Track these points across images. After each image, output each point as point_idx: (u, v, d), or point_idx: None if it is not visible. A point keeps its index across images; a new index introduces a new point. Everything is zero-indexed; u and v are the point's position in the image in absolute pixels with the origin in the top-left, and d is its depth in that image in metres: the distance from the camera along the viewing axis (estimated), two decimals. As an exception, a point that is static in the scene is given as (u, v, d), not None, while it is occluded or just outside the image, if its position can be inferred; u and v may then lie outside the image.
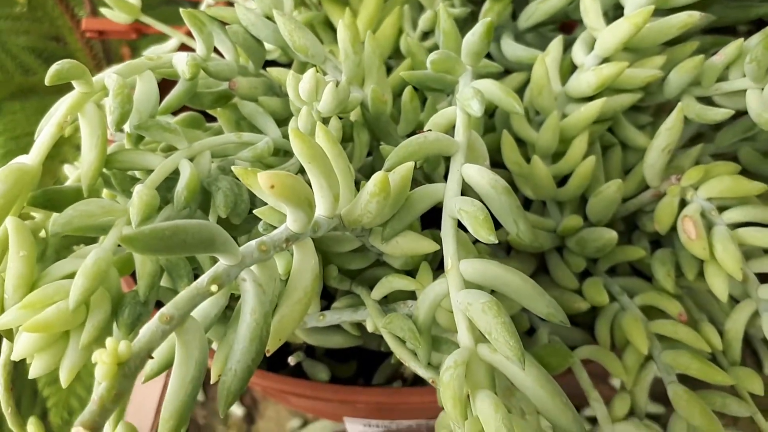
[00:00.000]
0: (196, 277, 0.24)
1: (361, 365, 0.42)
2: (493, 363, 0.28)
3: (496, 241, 0.27)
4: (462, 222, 0.29)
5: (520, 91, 0.42)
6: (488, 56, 0.44)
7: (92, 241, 0.34)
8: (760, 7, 0.39)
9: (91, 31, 0.67)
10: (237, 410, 0.65)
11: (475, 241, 0.33)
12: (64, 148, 1.05)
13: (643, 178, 0.38)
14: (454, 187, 0.31)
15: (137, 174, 0.34)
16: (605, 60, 0.36)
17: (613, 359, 0.35)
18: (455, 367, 0.27)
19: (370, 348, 0.39)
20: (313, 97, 0.31)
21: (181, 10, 0.33)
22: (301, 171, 0.33)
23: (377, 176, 0.27)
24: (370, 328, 0.33)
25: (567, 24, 0.47)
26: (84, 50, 1.11)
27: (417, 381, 0.39)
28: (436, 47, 0.45)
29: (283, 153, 0.36)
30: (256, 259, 0.25)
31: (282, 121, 0.37)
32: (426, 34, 0.46)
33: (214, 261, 0.23)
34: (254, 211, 0.30)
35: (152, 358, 0.21)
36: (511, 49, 0.41)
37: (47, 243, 0.31)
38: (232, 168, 0.28)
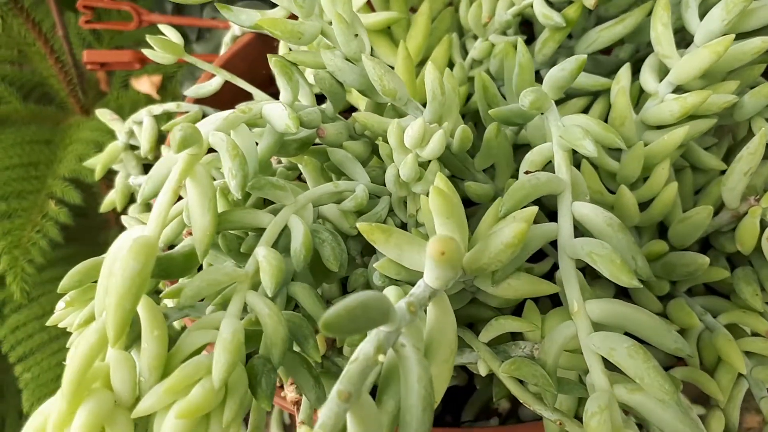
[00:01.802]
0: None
1: (445, 401, 0.42)
2: (629, 403, 0.28)
3: (640, 285, 0.27)
4: (593, 265, 0.29)
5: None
6: (539, 81, 0.44)
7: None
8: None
9: (93, 63, 0.65)
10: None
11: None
12: (49, 180, 1.01)
13: (716, 200, 0.39)
14: (567, 227, 0.31)
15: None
16: (678, 87, 0.37)
17: (708, 379, 0.36)
18: (601, 412, 0.27)
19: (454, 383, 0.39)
20: (418, 144, 0.31)
21: (270, 57, 0.32)
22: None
23: (517, 228, 0.26)
24: (483, 372, 0.33)
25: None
26: (58, 76, 1.07)
27: (510, 416, 0.39)
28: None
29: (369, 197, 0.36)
30: (407, 321, 0.24)
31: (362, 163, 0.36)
32: (474, 61, 0.46)
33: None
34: (375, 266, 0.30)
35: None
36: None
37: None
38: (357, 224, 0.28)
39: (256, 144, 0.31)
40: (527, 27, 0.48)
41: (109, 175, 1.06)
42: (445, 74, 0.36)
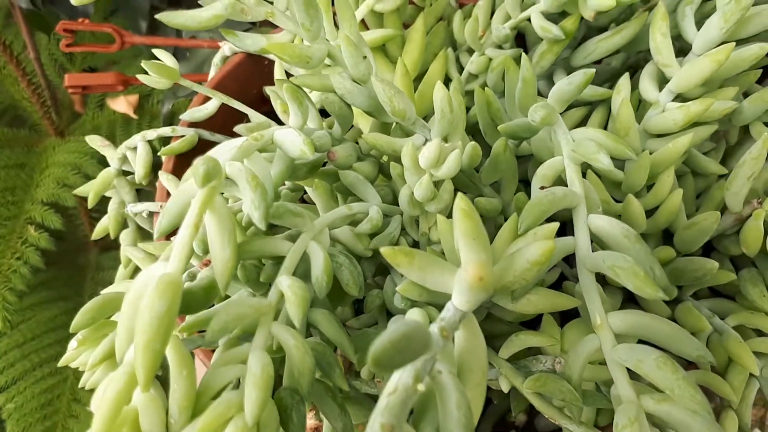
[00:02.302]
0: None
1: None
2: (657, 413, 0.28)
3: (666, 297, 0.27)
4: (615, 278, 0.29)
5: (582, 125, 0.43)
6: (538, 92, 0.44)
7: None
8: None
9: (74, 87, 0.63)
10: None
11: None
12: (26, 205, 0.99)
13: (718, 204, 0.39)
14: (585, 240, 0.31)
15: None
16: (678, 95, 0.37)
17: (722, 382, 0.37)
18: (631, 425, 0.27)
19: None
20: (433, 165, 0.31)
21: (284, 84, 0.31)
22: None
23: (544, 246, 0.26)
24: (505, 389, 0.33)
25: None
26: (31, 98, 1.05)
27: (527, 428, 0.40)
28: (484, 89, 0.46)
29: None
30: (441, 347, 0.24)
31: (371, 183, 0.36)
32: (470, 75, 0.46)
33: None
34: (398, 289, 0.29)
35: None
36: (569, 86, 0.42)
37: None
38: (381, 249, 0.27)
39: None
40: (520, 39, 0.48)
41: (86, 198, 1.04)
42: (451, 90, 0.36)
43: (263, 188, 0.27)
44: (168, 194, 0.45)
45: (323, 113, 0.41)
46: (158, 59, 0.45)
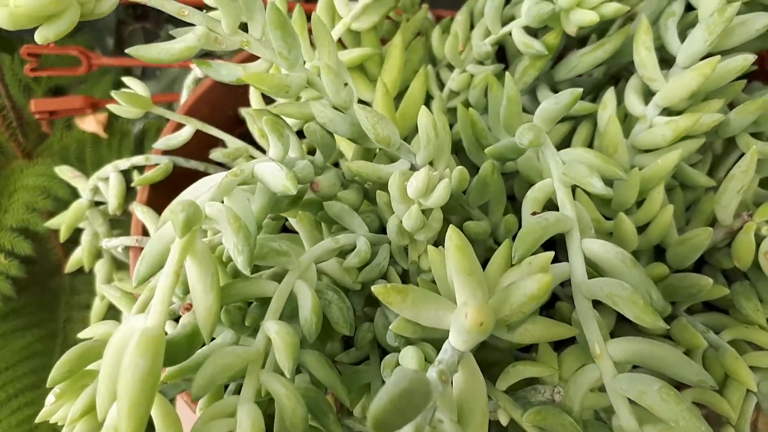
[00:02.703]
0: None
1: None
2: (661, 443, 0.28)
3: (666, 327, 0.27)
4: (614, 307, 0.28)
5: (566, 143, 0.42)
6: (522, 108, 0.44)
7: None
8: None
9: (41, 113, 0.61)
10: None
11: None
12: (-2, 233, 0.96)
13: (708, 217, 0.39)
14: (580, 266, 0.30)
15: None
16: (665, 109, 0.37)
17: (720, 400, 0.36)
18: (637, 458, 0.26)
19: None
20: (422, 194, 0.30)
21: (263, 117, 0.30)
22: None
23: (542, 280, 0.25)
24: (504, 422, 0.32)
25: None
26: (-5, 121, 1.02)
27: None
28: (466, 106, 0.45)
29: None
30: (440, 392, 0.23)
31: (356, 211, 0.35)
32: (451, 92, 0.45)
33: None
34: (391, 328, 0.28)
35: None
36: (553, 101, 0.41)
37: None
38: (373, 288, 0.26)
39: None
40: (500, 51, 0.47)
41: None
42: (435, 113, 0.35)
43: (246, 230, 0.25)
44: (143, 227, 0.44)
45: (301, 133, 0.40)
46: (126, 81, 0.43)
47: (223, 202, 0.28)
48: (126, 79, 0.41)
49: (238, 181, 0.29)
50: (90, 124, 1.02)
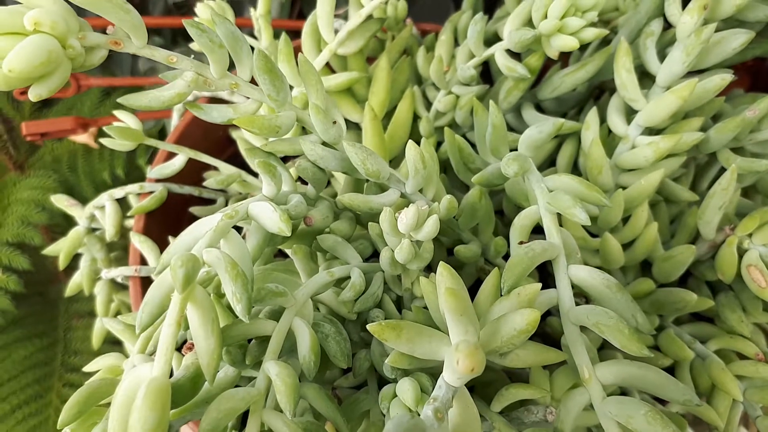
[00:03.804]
0: None
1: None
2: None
3: (650, 355, 0.28)
4: (600, 335, 0.29)
5: (551, 158, 0.43)
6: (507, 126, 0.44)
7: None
8: (755, 48, 0.42)
9: (33, 135, 0.62)
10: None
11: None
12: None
13: (692, 231, 0.40)
14: (567, 294, 0.31)
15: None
16: (647, 128, 0.38)
17: (707, 409, 0.37)
18: (628, 479, 0.27)
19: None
20: (412, 229, 0.31)
21: (256, 160, 0.31)
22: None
23: (530, 314, 0.26)
24: (500, 443, 0.33)
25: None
26: (-15, 135, 1.02)
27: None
28: (452, 125, 0.46)
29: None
30: (436, 430, 0.24)
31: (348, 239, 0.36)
32: (438, 112, 0.46)
33: None
34: (387, 362, 0.29)
35: None
36: (537, 121, 0.42)
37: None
38: (368, 327, 0.27)
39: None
40: (484, 68, 0.48)
41: (52, 228, 1.01)
42: (423, 144, 0.35)
43: (243, 278, 0.26)
44: (141, 256, 0.44)
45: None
46: (118, 114, 0.44)
47: (219, 246, 0.29)
48: (117, 113, 0.42)
49: (233, 222, 0.30)
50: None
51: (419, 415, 0.29)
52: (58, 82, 0.27)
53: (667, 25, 0.40)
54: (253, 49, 0.31)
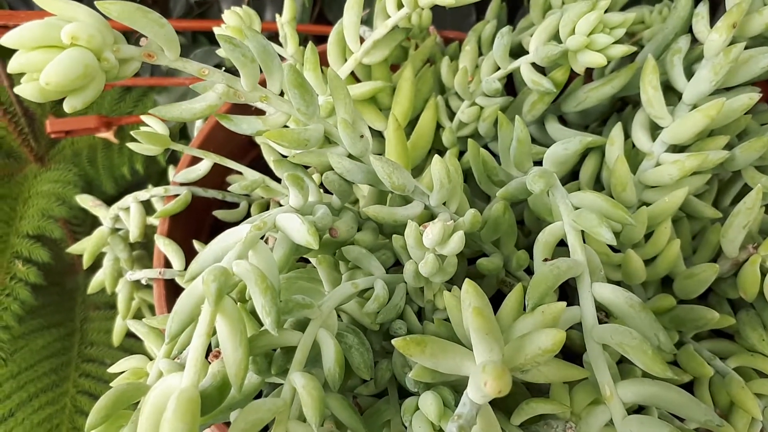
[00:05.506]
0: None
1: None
2: (670, 481, 0.29)
3: (674, 377, 0.28)
4: (624, 354, 0.29)
5: (574, 170, 0.43)
6: (531, 138, 0.44)
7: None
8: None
9: (57, 132, 0.62)
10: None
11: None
12: (12, 239, 0.98)
13: (715, 248, 0.40)
14: (591, 312, 0.31)
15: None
16: (672, 146, 0.38)
17: (727, 427, 0.37)
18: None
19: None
20: (438, 244, 0.31)
21: (286, 175, 0.31)
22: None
23: (556, 335, 0.27)
24: (519, 456, 0.33)
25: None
26: (8, 127, 1.03)
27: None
28: (474, 135, 0.46)
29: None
30: (460, 448, 0.25)
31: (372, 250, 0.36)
32: (461, 122, 0.46)
33: None
34: (411, 376, 0.30)
35: None
36: (561, 134, 0.42)
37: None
38: (393, 342, 0.28)
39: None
40: (507, 78, 0.48)
41: (70, 221, 1.02)
42: (448, 158, 0.36)
43: (273, 290, 0.27)
44: (165, 258, 0.45)
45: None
46: (146, 119, 0.44)
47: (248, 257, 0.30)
48: (145, 118, 0.43)
49: (261, 234, 0.31)
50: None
51: (442, 430, 0.30)
52: (92, 95, 0.27)
53: (694, 39, 0.40)
54: (282, 58, 0.31)
